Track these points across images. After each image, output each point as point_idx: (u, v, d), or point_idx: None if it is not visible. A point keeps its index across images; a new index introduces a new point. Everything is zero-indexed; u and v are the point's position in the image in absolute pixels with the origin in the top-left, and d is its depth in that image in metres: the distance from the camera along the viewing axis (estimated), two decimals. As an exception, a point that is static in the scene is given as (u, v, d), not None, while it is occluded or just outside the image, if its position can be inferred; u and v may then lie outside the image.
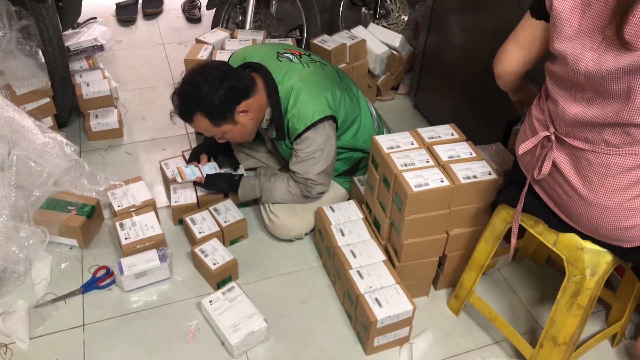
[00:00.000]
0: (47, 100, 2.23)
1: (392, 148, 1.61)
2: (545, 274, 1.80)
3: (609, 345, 1.59)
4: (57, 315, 1.65)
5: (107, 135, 2.38)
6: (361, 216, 1.77)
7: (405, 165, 1.54)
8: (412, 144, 1.64)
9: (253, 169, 2.15)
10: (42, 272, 1.77)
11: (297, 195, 1.82)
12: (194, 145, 2.35)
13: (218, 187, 1.91)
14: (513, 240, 1.37)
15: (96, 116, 2.36)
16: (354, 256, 1.63)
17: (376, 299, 1.50)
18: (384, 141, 1.63)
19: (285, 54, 1.79)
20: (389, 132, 2.02)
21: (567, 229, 1.25)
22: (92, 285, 1.74)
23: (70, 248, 1.87)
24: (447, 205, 1.52)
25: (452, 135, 1.68)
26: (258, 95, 1.70)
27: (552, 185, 1.24)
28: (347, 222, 1.75)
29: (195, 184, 1.94)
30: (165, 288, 1.75)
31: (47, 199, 1.89)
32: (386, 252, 1.66)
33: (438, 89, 2.45)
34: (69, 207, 1.86)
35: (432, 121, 2.50)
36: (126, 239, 1.78)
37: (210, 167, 1.97)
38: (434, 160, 1.57)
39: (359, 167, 1.94)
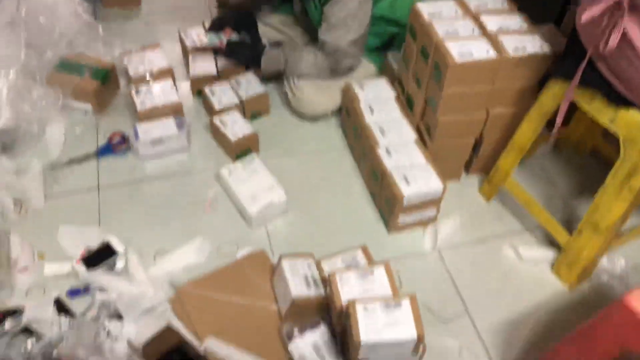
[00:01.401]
0: (59, -44, 2.06)
1: (434, 15, 1.45)
2: (588, 166, 1.68)
3: (648, 240, 1.50)
4: (72, 177, 1.60)
5: (124, 2, 2.22)
6: (393, 94, 1.64)
7: (448, 33, 1.39)
8: (456, 12, 1.47)
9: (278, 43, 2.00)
10: (56, 135, 1.70)
11: (324, 69, 1.69)
12: (214, 16, 2.18)
13: (239, 56, 1.77)
14: (559, 118, 1.23)
15: (112, -20, 2.19)
16: (383, 134, 1.53)
17: (404, 176, 1.41)
18: (425, 8, 1.47)
19: None
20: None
21: (630, 102, 1.12)
22: (107, 150, 1.67)
23: (85, 113, 1.79)
24: (491, 80, 1.38)
25: (502, 4, 1.50)
26: None
27: (616, 57, 1.09)
28: (377, 99, 1.62)
29: (215, 52, 1.81)
30: (182, 158, 1.68)
31: (60, 60, 1.79)
32: (418, 131, 1.55)
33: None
34: (83, 70, 1.76)
35: None
36: (142, 104, 1.69)
37: (232, 36, 1.82)
38: (480, 30, 1.41)
39: (392, 44, 1.78)
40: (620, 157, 1.17)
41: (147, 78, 1.78)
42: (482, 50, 1.35)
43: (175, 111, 1.70)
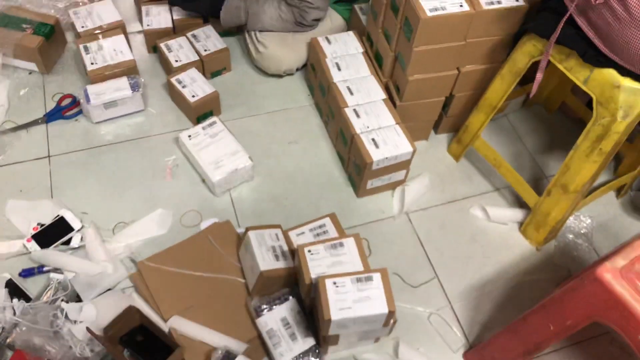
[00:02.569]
0: None
1: (403, -35, 1.35)
2: (556, 122, 1.66)
3: (613, 196, 1.51)
4: (19, 145, 1.49)
5: (65, -55, 2.02)
6: (361, 50, 1.56)
7: (419, -15, 1.30)
8: (427, -39, 1.37)
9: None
10: (-1, 98, 1.58)
11: (288, 22, 1.58)
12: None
13: (197, 6, 1.64)
14: (539, 75, 1.19)
15: None
16: (351, 93, 1.46)
17: (373, 140, 1.36)
18: (394, -43, 1.37)
19: None
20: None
21: (605, 63, 1.08)
22: (56, 114, 1.56)
23: (30, 73, 1.65)
24: (463, 36, 1.32)
25: (475, -47, 1.41)
26: None
27: (598, 10, 1.03)
28: (345, 55, 1.54)
29: (171, 1, 1.67)
30: (138, 121, 1.58)
31: (-3, 14, 1.63)
32: (387, 90, 1.48)
33: None
34: (24, 25, 1.61)
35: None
36: (92, 64, 1.56)
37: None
38: (452, -19, 1.33)
39: (360, -6, 1.68)
40: (592, 119, 1.14)
41: (97, 32, 1.64)
42: (455, 4, 1.27)
43: (129, 70, 1.58)
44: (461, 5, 1.27)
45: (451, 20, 1.26)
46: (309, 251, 1.11)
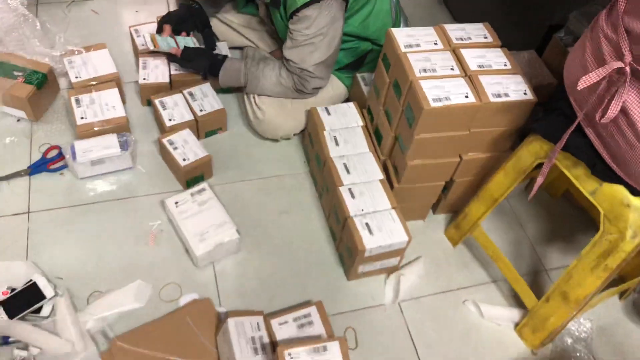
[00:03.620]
0: None
1: (410, 46, 1.31)
2: (559, 209, 1.60)
3: (616, 297, 1.44)
4: (-2, 198, 1.43)
5: (69, -15, 1.99)
6: (361, 123, 1.51)
7: (425, 70, 1.26)
8: (435, 43, 1.33)
9: (239, 48, 1.83)
10: (-18, 146, 1.52)
11: (288, 88, 1.53)
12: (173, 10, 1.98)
13: (196, 65, 1.59)
14: (540, 179, 1.14)
15: (56, -40, 1.96)
16: (347, 172, 1.40)
17: (367, 224, 1.30)
18: (401, 36, 1.33)
19: None
20: (407, 27, 1.68)
21: (615, 178, 1.02)
22: (41, 166, 1.50)
23: (18, 120, 1.60)
24: (467, 126, 1.27)
25: (485, 37, 1.37)
26: None
27: (609, 128, 0.98)
28: (344, 129, 1.49)
29: (170, 58, 1.63)
30: (126, 179, 1.52)
31: (-11, 60, 1.58)
32: (385, 169, 1.43)
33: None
34: (15, 73, 1.56)
35: (460, 20, 2.15)
36: (82, 118, 1.51)
37: (189, 41, 1.65)
38: (459, 68, 1.28)
39: (364, 62, 1.63)
40: (599, 232, 1.08)
41: (91, 84, 1.59)
42: (460, 94, 1.22)
43: (120, 127, 1.52)
44: (466, 96, 1.22)
45: (455, 111, 1.21)
46: (289, 354, 1.04)
